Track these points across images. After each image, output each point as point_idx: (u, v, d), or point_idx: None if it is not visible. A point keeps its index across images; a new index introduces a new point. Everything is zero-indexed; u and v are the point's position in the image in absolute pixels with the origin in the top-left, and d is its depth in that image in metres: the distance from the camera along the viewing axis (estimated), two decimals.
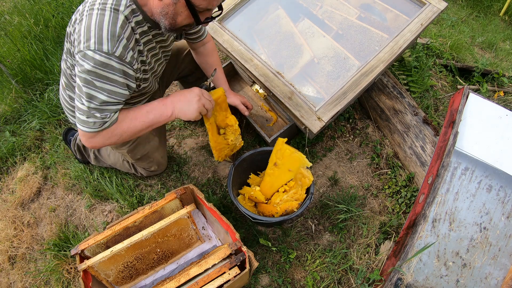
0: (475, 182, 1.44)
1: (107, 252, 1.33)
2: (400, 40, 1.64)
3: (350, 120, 2.04)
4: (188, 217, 1.42)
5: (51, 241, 1.70)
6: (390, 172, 1.86)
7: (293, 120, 1.71)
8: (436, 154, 1.52)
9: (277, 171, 1.55)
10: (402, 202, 1.74)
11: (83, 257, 1.38)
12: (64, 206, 1.86)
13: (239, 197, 1.66)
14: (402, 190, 1.77)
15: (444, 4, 1.69)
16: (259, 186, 1.63)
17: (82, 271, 1.33)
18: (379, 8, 1.79)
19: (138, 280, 1.53)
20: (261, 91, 2.03)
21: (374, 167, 1.90)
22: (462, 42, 2.65)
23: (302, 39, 1.76)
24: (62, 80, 1.43)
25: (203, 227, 1.68)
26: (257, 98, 2.04)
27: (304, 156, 1.45)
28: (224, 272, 1.23)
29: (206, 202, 1.45)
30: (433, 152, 1.63)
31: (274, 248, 1.62)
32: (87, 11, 1.09)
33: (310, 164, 1.46)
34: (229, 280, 1.21)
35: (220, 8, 1.20)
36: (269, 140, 1.75)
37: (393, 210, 1.74)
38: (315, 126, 1.53)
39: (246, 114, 1.71)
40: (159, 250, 1.49)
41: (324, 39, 1.75)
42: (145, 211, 1.43)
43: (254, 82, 2.02)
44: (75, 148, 1.87)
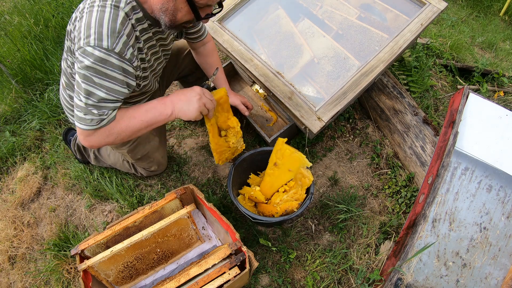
0: (475, 182, 1.44)
1: (107, 252, 1.33)
2: (400, 40, 1.64)
3: (350, 120, 2.04)
4: (188, 217, 1.42)
5: (51, 241, 1.70)
6: (390, 172, 1.86)
7: (293, 120, 1.71)
8: (436, 154, 1.52)
9: (277, 171, 1.55)
10: (402, 202, 1.74)
11: (83, 257, 1.38)
12: (64, 206, 1.86)
13: (239, 197, 1.66)
14: (402, 190, 1.77)
15: (444, 4, 1.69)
16: (259, 186, 1.63)
17: (82, 271, 1.33)
18: (379, 8, 1.79)
19: (138, 280, 1.53)
20: (261, 91, 2.03)
21: (374, 167, 1.90)
22: (462, 42, 2.65)
23: (302, 39, 1.76)
24: (63, 80, 1.43)
25: (203, 227, 1.68)
26: (257, 98, 2.04)
27: (304, 156, 1.45)
28: (224, 272, 1.23)
29: (206, 202, 1.45)
30: (433, 152, 1.63)
31: (274, 248, 1.62)
32: (88, 8, 1.09)
33: (310, 164, 1.45)
34: (229, 280, 1.21)
35: (220, 5, 1.20)
36: (269, 140, 1.75)
37: (393, 210, 1.74)
38: (315, 126, 1.53)
39: (246, 114, 1.72)
40: (159, 250, 1.49)
41: (324, 39, 1.75)
42: (145, 211, 1.43)
43: (254, 82, 2.02)
44: (75, 148, 1.87)
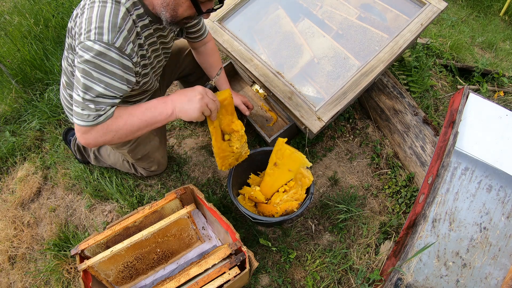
0: (475, 182, 1.44)
1: (107, 252, 1.33)
2: (400, 40, 1.64)
3: (350, 120, 2.04)
4: (188, 217, 1.42)
5: (51, 241, 1.70)
6: (390, 172, 1.86)
7: (293, 120, 1.71)
8: (436, 154, 1.52)
9: (277, 171, 1.55)
10: (402, 202, 1.74)
11: (83, 257, 1.38)
12: (64, 206, 1.86)
13: (239, 197, 1.66)
14: (402, 190, 1.77)
15: (444, 4, 1.69)
16: (259, 186, 1.63)
17: (82, 271, 1.33)
18: (379, 8, 1.79)
19: (138, 280, 1.53)
20: (261, 91, 2.03)
21: (374, 167, 1.90)
22: (462, 42, 2.65)
23: (302, 39, 1.76)
24: (63, 79, 1.43)
25: (203, 227, 1.68)
26: (257, 98, 2.04)
27: (304, 156, 1.45)
28: (224, 272, 1.23)
29: (206, 202, 1.45)
30: (433, 152, 1.63)
31: (274, 248, 1.62)
32: (89, 4, 1.09)
33: (310, 164, 1.45)
34: (229, 280, 1.21)
35: (221, 1, 1.20)
36: (269, 140, 1.75)
37: (393, 210, 1.74)
38: (315, 126, 1.53)
39: (247, 114, 1.72)
40: (159, 250, 1.49)
41: (324, 39, 1.75)
42: (145, 211, 1.43)
43: (254, 82, 2.02)
44: (75, 148, 1.87)
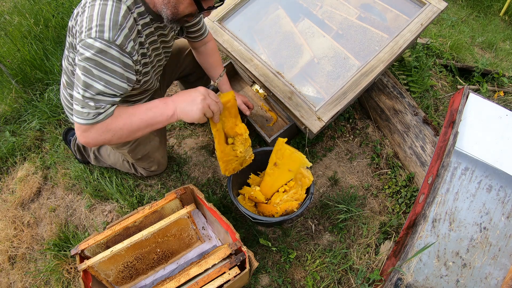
0: (475, 182, 1.44)
1: (107, 252, 1.33)
2: (400, 40, 1.64)
3: (350, 120, 2.04)
4: (188, 217, 1.42)
5: (51, 241, 1.70)
6: (390, 172, 1.86)
7: (293, 120, 1.71)
8: (436, 154, 1.52)
9: (277, 171, 1.55)
10: (402, 202, 1.74)
11: (83, 257, 1.38)
12: (64, 206, 1.86)
13: (239, 197, 1.66)
14: (402, 190, 1.77)
15: (444, 4, 1.69)
16: (259, 186, 1.63)
17: (82, 271, 1.33)
18: (379, 8, 1.79)
19: (138, 280, 1.53)
20: (261, 91, 2.03)
21: (374, 167, 1.90)
22: (462, 42, 2.65)
23: (302, 39, 1.76)
24: (63, 79, 1.43)
25: (203, 227, 1.68)
26: (257, 98, 2.04)
27: (304, 156, 1.45)
28: (224, 272, 1.23)
29: (206, 202, 1.45)
30: (433, 152, 1.62)
31: (274, 248, 1.62)
32: (90, 3, 1.09)
33: (310, 164, 1.45)
34: (229, 280, 1.21)
35: None
36: (269, 140, 1.75)
37: (393, 210, 1.74)
38: (315, 126, 1.53)
39: (248, 114, 1.72)
40: (159, 250, 1.49)
41: (324, 39, 1.75)
42: (145, 211, 1.43)
43: (254, 82, 2.02)
44: (75, 148, 1.87)
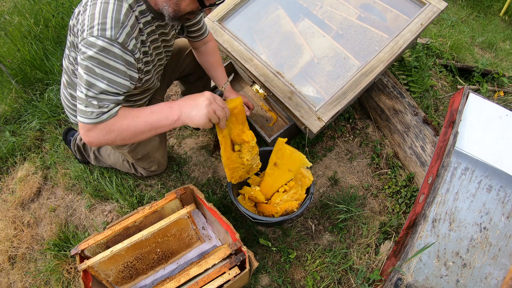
0: (475, 182, 1.44)
1: (107, 252, 1.33)
2: (400, 40, 1.64)
3: (350, 120, 2.04)
4: (188, 217, 1.42)
5: (51, 241, 1.70)
6: (390, 172, 1.86)
7: (293, 120, 1.71)
8: (436, 154, 1.52)
9: (277, 171, 1.55)
10: (402, 202, 1.74)
11: (83, 257, 1.38)
12: (64, 206, 1.86)
13: (239, 197, 1.66)
14: (402, 190, 1.77)
15: (444, 4, 1.69)
16: (259, 186, 1.63)
17: (82, 271, 1.33)
18: (379, 8, 1.79)
19: (138, 280, 1.53)
20: (261, 91, 2.03)
21: (374, 167, 1.90)
22: (462, 42, 2.65)
23: (302, 39, 1.76)
24: (64, 79, 1.43)
25: (203, 227, 1.68)
26: (257, 98, 2.04)
27: (304, 156, 1.45)
28: (224, 272, 1.23)
29: (206, 202, 1.45)
30: (433, 152, 1.62)
31: (274, 248, 1.62)
32: (91, 1, 1.09)
33: (310, 164, 1.45)
34: (229, 280, 1.21)
35: None
36: (269, 140, 1.75)
37: (393, 210, 1.74)
38: (315, 126, 1.53)
39: (248, 114, 1.72)
40: (159, 250, 1.49)
41: (324, 39, 1.75)
42: (145, 211, 1.43)
43: (254, 82, 2.02)
44: (75, 148, 1.87)
